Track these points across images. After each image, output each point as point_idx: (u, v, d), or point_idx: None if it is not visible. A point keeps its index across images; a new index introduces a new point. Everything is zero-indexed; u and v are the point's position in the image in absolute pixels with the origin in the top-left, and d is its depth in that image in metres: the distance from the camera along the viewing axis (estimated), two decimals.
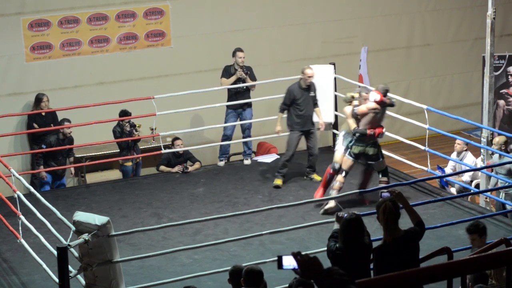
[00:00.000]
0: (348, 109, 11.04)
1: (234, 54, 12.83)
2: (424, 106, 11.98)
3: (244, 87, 12.85)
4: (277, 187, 11.89)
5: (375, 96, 10.76)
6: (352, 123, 10.89)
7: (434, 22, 15.91)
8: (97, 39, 13.46)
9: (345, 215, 7.07)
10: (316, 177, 12.11)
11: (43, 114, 12.67)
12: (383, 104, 10.83)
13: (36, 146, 12.61)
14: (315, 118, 12.20)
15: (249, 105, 12.99)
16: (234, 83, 12.76)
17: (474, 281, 6.55)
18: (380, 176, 11.02)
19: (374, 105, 10.77)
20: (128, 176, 12.67)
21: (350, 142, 10.89)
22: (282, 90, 13.15)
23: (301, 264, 4.16)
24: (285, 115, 12.19)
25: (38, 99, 12.63)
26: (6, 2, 12.92)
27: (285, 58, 14.62)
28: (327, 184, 11.10)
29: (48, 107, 12.64)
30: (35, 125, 12.60)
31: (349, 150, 10.87)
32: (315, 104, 12.09)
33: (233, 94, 12.89)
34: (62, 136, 12.18)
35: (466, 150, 12.11)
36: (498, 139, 11.34)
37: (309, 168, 12.27)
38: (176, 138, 12.74)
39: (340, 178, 10.86)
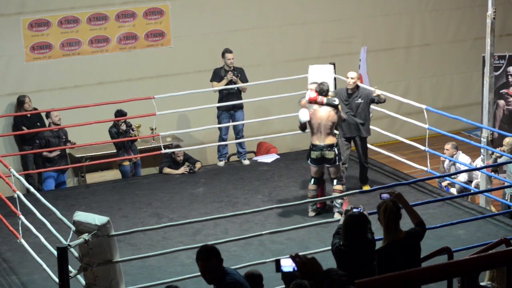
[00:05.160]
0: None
1: (223, 56, 12.80)
2: (424, 106, 11.98)
3: (236, 88, 12.81)
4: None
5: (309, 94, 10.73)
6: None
7: (434, 22, 15.92)
8: (97, 39, 13.46)
9: (355, 209, 7.05)
10: (366, 187, 11.55)
11: (29, 115, 12.67)
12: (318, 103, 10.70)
13: (28, 147, 12.58)
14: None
15: (240, 106, 12.95)
16: (225, 85, 12.73)
17: None
18: (335, 183, 10.86)
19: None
20: (127, 176, 12.66)
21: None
22: (282, 90, 13.17)
23: (300, 266, 4.16)
24: None
25: (21, 102, 12.63)
26: (6, 2, 12.92)
27: (285, 58, 14.62)
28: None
29: (31, 107, 12.65)
30: (23, 128, 12.58)
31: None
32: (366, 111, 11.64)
33: (224, 96, 12.84)
34: (53, 125, 12.18)
35: (456, 153, 12.09)
36: (508, 140, 11.35)
37: (360, 179, 11.83)
38: (177, 146, 12.72)
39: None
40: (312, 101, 10.64)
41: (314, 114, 10.62)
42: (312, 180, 10.89)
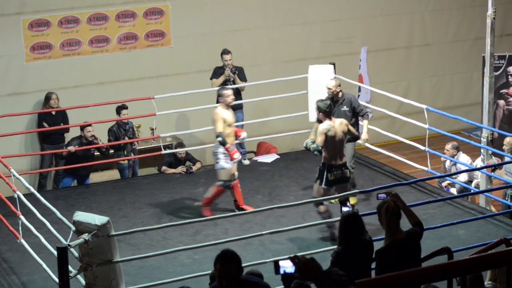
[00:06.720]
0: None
1: (221, 56, 12.81)
2: (424, 106, 11.98)
3: (234, 89, 12.80)
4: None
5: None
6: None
7: (434, 22, 15.91)
8: (97, 39, 13.46)
9: (344, 208, 7.04)
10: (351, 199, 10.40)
11: (53, 113, 12.68)
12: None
13: (48, 145, 12.63)
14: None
15: (240, 106, 12.93)
16: (224, 83, 12.71)
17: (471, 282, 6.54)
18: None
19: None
20: (125, 174, 12.65)
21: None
22: (282, 90, 13.18)
23: (300, 267, 4.15)
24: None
25: (47, 98, 12.67)
26: (6, 2, 12.92)
27: (285, 58, 14.62)
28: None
29: (57, 105, 12.66)
30: (45, 124, 12.60)
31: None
32: (357, 116, 11.11)
33: None
34: (85, 140, 12.15)
35: (456, 154, 12.03)
36: (509, 139, 11.34)
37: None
38: (180, 145, 12.67)
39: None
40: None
41: (331, 133, 9.85)
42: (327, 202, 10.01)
